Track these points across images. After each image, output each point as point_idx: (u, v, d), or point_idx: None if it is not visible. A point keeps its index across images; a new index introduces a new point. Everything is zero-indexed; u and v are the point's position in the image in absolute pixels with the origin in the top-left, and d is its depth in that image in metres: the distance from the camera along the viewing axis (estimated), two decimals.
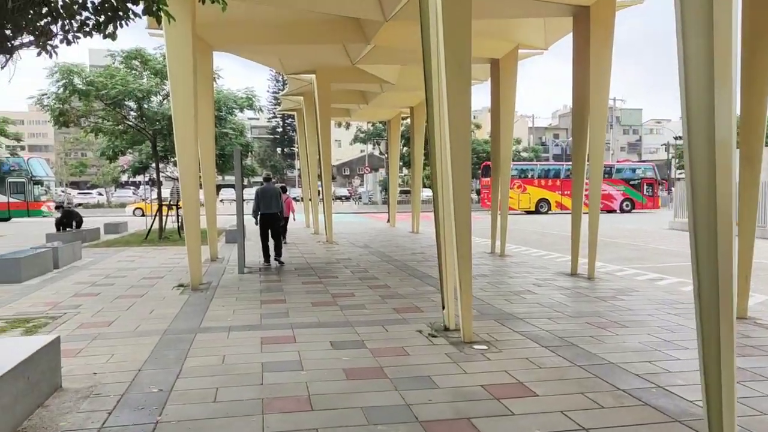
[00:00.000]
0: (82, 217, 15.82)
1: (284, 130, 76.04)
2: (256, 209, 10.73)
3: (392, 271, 10.23)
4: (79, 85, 13.74)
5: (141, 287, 8.41)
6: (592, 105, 9.19)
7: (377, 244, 15.38)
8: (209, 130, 11.48)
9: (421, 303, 7.23)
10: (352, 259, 12.06)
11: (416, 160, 19.47)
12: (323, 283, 8.89)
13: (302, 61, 14.14)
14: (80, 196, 45.37)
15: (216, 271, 10.06)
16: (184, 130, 8.21)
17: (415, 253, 13.23)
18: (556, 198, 37.76)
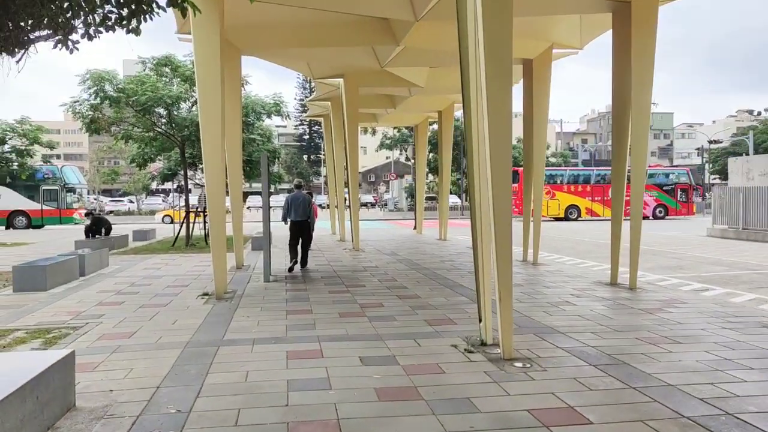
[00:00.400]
0: (111, 224, 15.88)
1: (311, 137, 76.47)
2: (286, 216, 10.87)
3: (421, 280, 9.87)
4: (110, 92, 13.80)
5: (165, 296, 8.23)
6: (634, 106, 8.70)
7: (404, 251, 15.04)
8: (237, 135, 11.34)
9: (455, 315, 6.85)
10: (379, 267, 11.74)
11: (444, 166, 19.09)
12: (350, 292, 8.58)
13: (330, 64, 13.95)
14: (112, 203, 46.24)
15: (241, 280, 9.85)
16: (211, 135, 8.03)
17: (444, 261, 12.84)
18: (586, 204, 36.84)
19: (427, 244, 17.47)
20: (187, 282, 9.58)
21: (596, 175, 37.81)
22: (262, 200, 9.61)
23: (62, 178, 27.33)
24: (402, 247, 16.45)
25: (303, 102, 73.98)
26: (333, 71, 14.60)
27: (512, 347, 4.95)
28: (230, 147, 11.20)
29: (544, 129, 12.39)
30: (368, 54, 12.71)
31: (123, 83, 13.97)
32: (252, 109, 15.49)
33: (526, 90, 12.21)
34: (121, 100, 13.62)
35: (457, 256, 13.70)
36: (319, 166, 73.29)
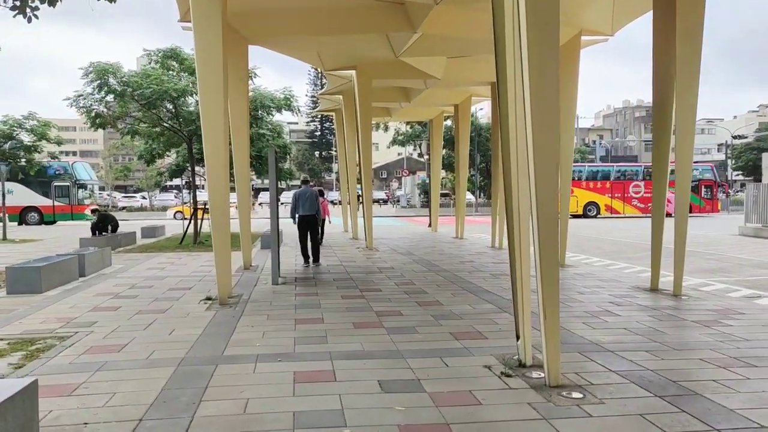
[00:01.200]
0: (117, 221, 15.35)
1: (322, 133, 75.92)
2: (294, 211, 11.02)
3: (442, 283, 9.15)
4: (115, 85, 13.21)
5: (165, 300, 7.60)
6: (678, 95, 7.87)
7: (420, 251, 14.31)
8: (243, 129, 10.69)
9: (483, 326, 6.12)
10: (395, 268, 11.03)
11: (461, 162, 18.31)
12: (365, 297, 7.89)
13: (342, 55, 13.23)
14: (125, 199, 45.98)
15: (248, 282, 9.20)
16: (213, 128, 7.36)
17: (464, 261, 12.09)
18: (605, 201, 35.81)
19: (444, 242, 16.73)
20: (190, 284, 8.95)
21: (616, 171, 36.75)
22: (270, 196, 8.95)
23: (73, 174, 27.02)
24: (417, 245, 15.73)
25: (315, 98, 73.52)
26: (345, 62, 13.89)
27: (559, 372, 4.22)
28: (237, 141, 10.56)
29: (572, 120, 11.60)
30: (382, 43, 11.98)
31: (127, 76, 13.37)
32: (261, 103, 14.82)
33: None
34: (126, 93, 13.03)
35: (477, 257, 12.95)
36: (331, 162, 72.73)
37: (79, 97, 13.60)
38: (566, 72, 11.25)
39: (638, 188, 35.60)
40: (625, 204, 35.79)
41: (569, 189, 11.97)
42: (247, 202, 11.03)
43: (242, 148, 10.68)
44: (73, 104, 13.53)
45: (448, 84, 15.33)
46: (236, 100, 10.57)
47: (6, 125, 17.21)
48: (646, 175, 35.64)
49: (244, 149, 10.75)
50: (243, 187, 10.82)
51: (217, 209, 7.42)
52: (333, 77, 15.77)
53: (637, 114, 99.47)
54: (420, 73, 13.74)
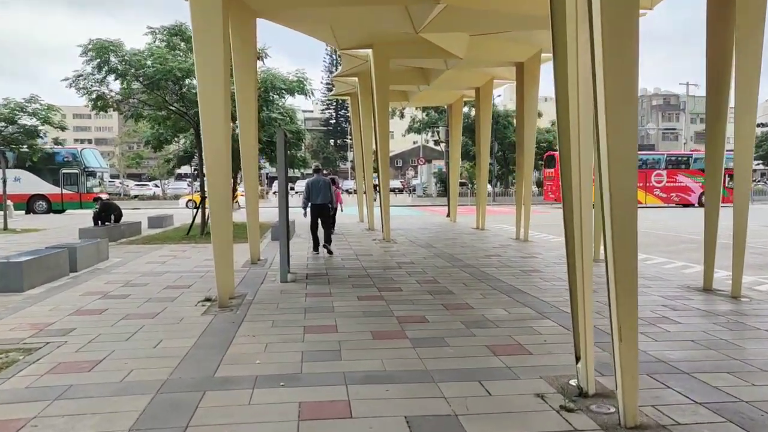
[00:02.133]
0: (121, 211, 14.62)
1: (337, 121, 74.97)
2: (306, 200, 10.91)
3: (468, 281, 8.21)
4: (116, 65, 12.37)
5: (159, 301, 6.77)
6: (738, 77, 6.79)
7: (441, 243, 13.37)
8: (250, 112, 9.79)
9: (524, 337, 5.19)
10: (415, 263, 10.12)
11: (482, 148, 17.26)
12: (384, 298, 6.99)
13: (358, 31, 12.24)
14: (137, 188, 45.45)
15: (254, 279, 8.35)
16: (211, 109, 6.45)
17: (489, 255, 11.14)
18: None
19: (465, 234, 15.76)
20: (190, 281, 8.11)
21: (645, 159, 35.34)
22: (278, 184, 8.05)
23: (82, 161, 26.38)
24: (437, 237, 14.79)
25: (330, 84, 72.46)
26: (361, 40, 12.90)
27: (637, 410, 3.28)
28: (243, 125, 9.68)
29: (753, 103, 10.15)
30: (401, 17, 10.96)
31: (129, 55, 12.51)
32: (272, 84, 13.85)
33: None
34: (128, 73, 12.19)
35: (503, 250, 11.98)
36: (346, 150, 71.82)
37: (78, 77, 12.79)
38: None
39: (660, 177, 34.25)
40: (646, 193, 34.46)
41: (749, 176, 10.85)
42: (254, 190, 10.17)
43: (249, 132, 9.79)
44: (72, 85, 12.73)
45: (470, 64, 14.26)
46: (243, 79, 9.68)
47: (7, 108, 16.49)
48: (668, 164, 34.30)
49: (251, 133, 9.86)
50: (250, 174, 9.95)
51: (218, 201, 6.54)
52: (348, 58, 14.78)
53: (655, 102, 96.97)
54: (441, 51, 12.69)
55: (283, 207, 8.01)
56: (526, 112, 13.71)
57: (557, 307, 6.50)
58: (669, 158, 34.98)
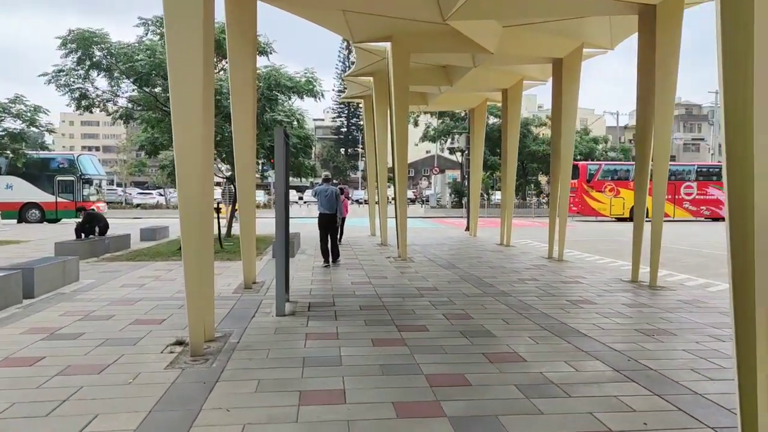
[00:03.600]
0: (107, 222, 13.19)
1: (348, 129, 73.80)
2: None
3: (508, 316, 6.62)
4: (100, 58, 10.98)
5: (117, 344, 5.24)
6: None
7: (464, 262, 11.77)
8: (247, 110, 8.30)
9: (611, 416, 3.58)
10: (438, 288, 8.53)
11: (509, 157, 15.69)
12: (406, 342, 5.42)
13: (375, 20, 10.74)
14: (140, 196, 44.16)
15: (244, 310, 6.81)
16: (184, 101, 4.94)
17: (524, 279, 9.52)
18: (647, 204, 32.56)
19: (489, 251, 14.15)
20: (166, 313, 6.58)
21: None
22: (276, 192, 6.51)
23: (79, 167, 25.07)
24: (459, 255, 13.19)
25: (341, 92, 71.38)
26: (378, 31, 11.43)
27: None
28: (238, 126, 8.21)
29: (670, 112, 9.06)
30: (426, 2, 9.48)
31: (115, 47, 11.11)
32: (276, 81, 12.35)
33: (642, 55, 8.78)
34: (113, 67, 10.79)
35: (538, 272, 10.37)
36: (357, 160, 70.55)
37: (59, 72, 11.40)
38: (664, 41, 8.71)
39: (690, 190, 32.46)
40: (675, 206, 32.65)
41: (664, 191, 9.42)
42: (250, 198, 8.65)
43: (245, 132, 8.30)
44: (52, 81, 11.34)
45: (501, 60, 12.73)
46: (239, 72, 8.22)
47: None
48: (698, 175, 32.51)
49: (247, 135, 8.37)
50: (246, 182, 8.44)
51: (189, 213, 5.01)
52: (363, 54, 13.30)
53: (676, 112, 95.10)
54: (469, 44, 11.18)
55: (282, 220, 6.47)
56: (564, 115, 12.12)
57: (637, 360, 4.90)
58: (699, 169, 33.17)
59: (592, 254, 14.11)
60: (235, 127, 8.27)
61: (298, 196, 55.14)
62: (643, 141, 9.16)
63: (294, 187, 59.37)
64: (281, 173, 6.34)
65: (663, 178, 9.09)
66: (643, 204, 9.47)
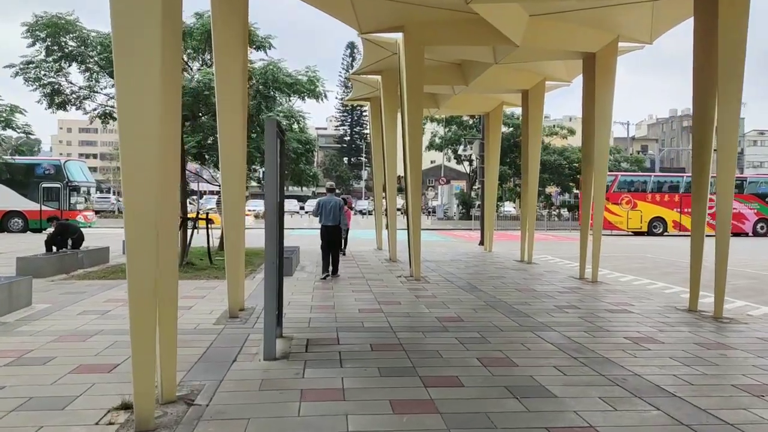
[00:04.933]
0: (82, 233, 11.77)
1: (351, 138, 72.61)
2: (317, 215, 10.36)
3: (563, 363, 5.15)
4: (72, 47, 9.62)
5: (40, 409, 3.80)
6: None
7: (487, 283, 10.29)
8: (235, 108, 6.88)
9: None
10: (464, 319, 7.07)
11: (531, 165, 14.27)
12: (436, 405, 3.97)
13: (386, 8, 9.41)
14: None
15: (223, 351, 5.34)
16: (131, 93, 3.55)
17: (562, 306, 8.05)
18: (673, 217, 31.16)
19: (511, 269, 12.67)
20: (121, 355, 5.10)
21: (686, 182, 32.05)
22: (266, 198, 5.05)
23: (65, 174, 23.66)
24: (478, 274, 11.73)
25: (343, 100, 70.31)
26: (389, 20, 10.08)
27: None
28: (225, 125, 6.82)
29: (734, 128, 7.72)
30: None
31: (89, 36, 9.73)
32: (273, 77, 10.94)
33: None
34: (87, 57, 9.43)
35: (576, 298, 8.90)
36: (360, 169, 69.25)
37: (28, 64, 10.04)
38: None
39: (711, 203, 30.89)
40: None
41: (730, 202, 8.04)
42: (239, 212, 7.19)
43: (233, 133, 6.89)
44: (20, 74, 9.99)
45: (526, 55, 11.35)
46: (227, 62, 6.85)
47: None
48: None
49: (236, 136, 6.94)
50: (233, 189, 6.99)
51: (142, 234, 3.56)
52: (371, 47, 11.93)
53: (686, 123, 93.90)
54: (491, 35, 9.80)
55: (273, 233, 5.00)
56: (598, 117, 10.70)
57: None
58: None
59: (625, 274, 12.63)
60: (221, 128, 6.88)
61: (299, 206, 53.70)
62: (702, 146, 8.18)
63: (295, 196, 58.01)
64: (273, 175, 4.91)
65: (729, 189, 8.27)
66: (702, 219, 8.60)
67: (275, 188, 4.90)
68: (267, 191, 4.92)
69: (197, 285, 9.30)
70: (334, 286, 9.57)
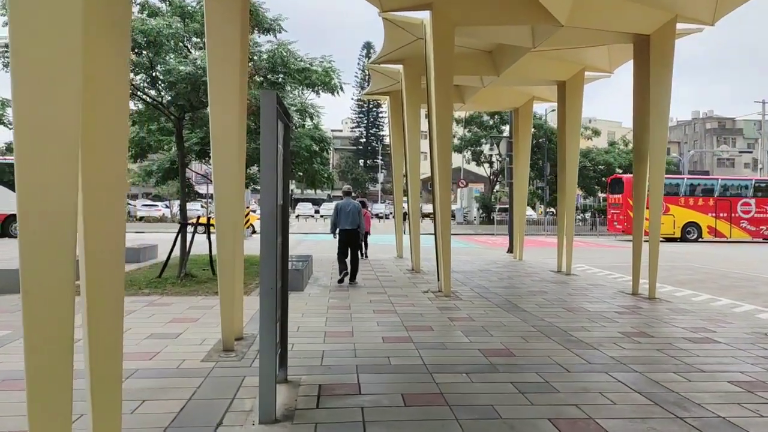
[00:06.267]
0: None
1: (367, 140, 71.35)
2: (334, 224, 10.16)
3: (664, 425, 3.71)
4: None
5: None
6: None
7: (528, 301, 8.85)
8: (232, 94, 5.55)
9: None
10: (515, 353, 5.65)
11: (569, 164, 12.78)
12: None
13: None
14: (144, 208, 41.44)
15: (207, 405, 3.99)
16: (37, 75, 2.23)
17: (629, 334, 6.59)
18: (708, 221, 29.29)
19: (550, 282, 11.20)
20: None
21: (721, 185, 30.21)
22: (262, 200, 3.69)
23: None
24: (515, 288, 10.29)
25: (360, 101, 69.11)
26: None
27: None
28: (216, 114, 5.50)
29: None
30: None
31: None
32: (282, 60, 9.57)
33: None
34: None
35: (640, 319, 7.43)
36: (376, 172, 67.98)
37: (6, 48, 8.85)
38: None
39: (748, 207, 29.12)
40: (732, 226, 29.34)
41: None
42: (233, 216, 5.83)
43: (227, 123, 5.56)
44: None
45: (569, 38, 9.93)
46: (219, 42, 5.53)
47: None
48: (756, 191, 29.17)
49: (230, 129, 5.60)
50: (226, 192, 5.64)
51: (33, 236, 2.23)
52: (393, 32, 10.57)
53: (709, 126, 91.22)
54: (532, 12, 8.42)
55: (272, 249, 3.64)
56: (653, 110, 9.22)
57: None
58: (758, 184, 29.86)
59: (678, 287, 11.11)
60: (213, 115, 5.56)
61: (314, 209, 52.48)
62: None
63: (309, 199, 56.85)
64: (271, 167, 3.55)
65: None
66: None
67: (274, 185, 3.54)
68: (263, 189, 3.57)
69: (192, 303, 7.99)
70: (352, 303, 8.21)
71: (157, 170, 12.48)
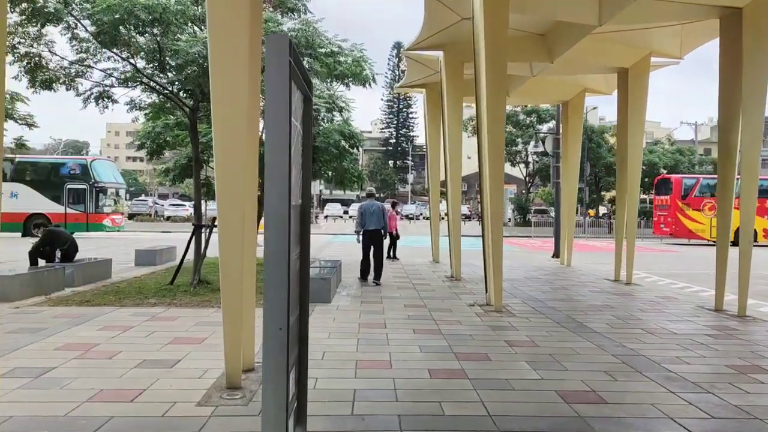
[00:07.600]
0: (75, 243, 9.56)
1: (397, 141, 70.19)
2: (361, 225, 10.09)
3: None
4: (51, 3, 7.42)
5: None
6: None
7: (595, 318, 7.46)
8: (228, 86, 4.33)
9: None
10: (604, 397, 4.34)
11: (630, 161, 11.26)
12: None
13: None
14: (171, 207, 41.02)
15: None
16: None
17: (739, 368, 5.18)
18: (764, 224, 27.04)
19: (612, 293, 9.77)
20: None
21: None
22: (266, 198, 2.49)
23: (92, 174, 21.95)
24: (572, 301, 8.91)
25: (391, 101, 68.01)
26: None
27: None
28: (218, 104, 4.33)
29: None
30: None
31: None
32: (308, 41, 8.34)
33: None
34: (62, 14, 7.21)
35: (736, 344, 5.99)
36: (406, 172, 66.73)
37: None
38: None
39: None
40: None
41: None
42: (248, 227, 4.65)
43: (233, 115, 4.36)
44: None
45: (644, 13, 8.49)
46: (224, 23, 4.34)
47: None
48: None
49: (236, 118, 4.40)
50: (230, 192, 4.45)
51: None
52: (433, 11, 9.31)
53: None
54: None
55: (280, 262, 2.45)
56: (746, 98, 7.73)
57: None
58: None
59: (763, 302, 9.54)
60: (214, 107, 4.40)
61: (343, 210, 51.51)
62: None
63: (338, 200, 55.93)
64: (278, 142, 2.34)
65: None
66: None
67: (284, 175, 2.33)
68: (268, 181, 2.36)
69: (201, 318, 6.88)
70: (386, 320, 6.98)
71: (174, 167, 11.50)
